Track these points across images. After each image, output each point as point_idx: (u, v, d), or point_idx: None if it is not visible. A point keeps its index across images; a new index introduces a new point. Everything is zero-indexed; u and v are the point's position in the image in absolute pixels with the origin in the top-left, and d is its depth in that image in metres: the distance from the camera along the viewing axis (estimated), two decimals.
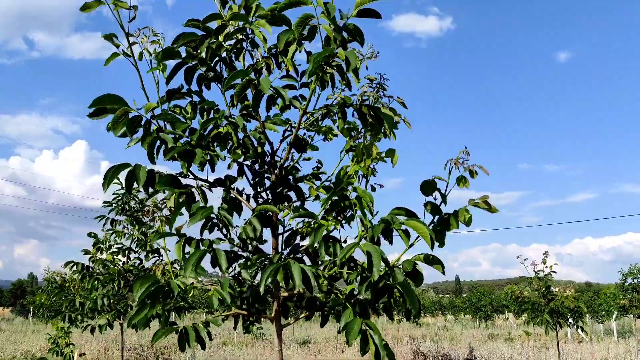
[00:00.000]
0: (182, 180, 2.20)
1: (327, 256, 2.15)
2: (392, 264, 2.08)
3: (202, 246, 2.11)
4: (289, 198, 2.49)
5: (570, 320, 8.91)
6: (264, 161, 2.45)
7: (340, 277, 2.42)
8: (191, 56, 2.28)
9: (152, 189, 2.08)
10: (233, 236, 2.32)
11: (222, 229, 2.31)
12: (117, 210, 5.55)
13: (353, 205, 2.15)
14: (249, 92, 2.25)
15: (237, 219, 2.35)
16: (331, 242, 2.16)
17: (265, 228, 2.36)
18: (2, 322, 28.01)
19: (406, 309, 2.03)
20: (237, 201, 2.36)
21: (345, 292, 2.36)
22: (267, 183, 2.51)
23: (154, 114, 2.17)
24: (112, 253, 5.61)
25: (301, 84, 2.45)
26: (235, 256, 2.32)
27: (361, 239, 2.06)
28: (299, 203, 2.55)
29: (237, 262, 2.38)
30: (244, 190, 2.46)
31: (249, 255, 2.38)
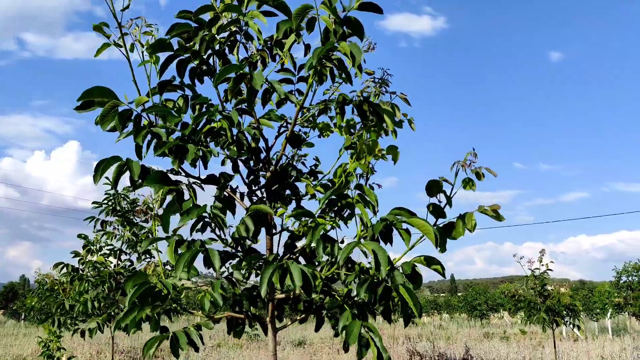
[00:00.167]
0: (172, 177, 2.11)
1: (325, 256, 2.07)
2: (388, 269, 2.00)
3: (193, 247, 2.02)
4: (284, 197, 2.41)
5: (567, 319, 8.89)
6: (259, 158, 2.36)
7: (338, 278, 2.34)
8: (184, 48, 2.19)
9: (143, 184, 2.00)
10: (226, 236, 2.24)
11: (215, 228, 2.22)
12: (107, 210, 5.44)
13: (353, 204, 2.07)
14: (244, 87, 2.17)
15: (230, 218, 2.26)
16: (329, 242, 2.08)
17: (259, 227, 2.28)
18: None
19: (406, 312, 1.96)
20: (231, 199, 2.27)
21: (342, 293, 2.28)
22: (262, 181, 2.43)
23: (144, 108, 2.08)
24: (103, 255, 5.49)
25: (298, 78, 2.37)
26: (228, 256, 2.23)
27: (360, 239, 1.98)
28: (294, 202, 2.47)
29: (230, 262, 2.29)
30: (237, 188, 2.38)
31: (243, 255, 2.29)
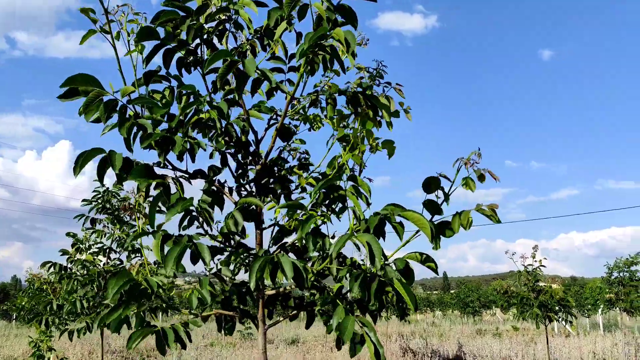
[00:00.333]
0: (158, 171, 2.04)
1: (316, 252, 2.02)
2: (382, 263, 1.95)
3: (181, 242, 1.96)
4: (274, 191, 2.34)
5: (560, 314, 8.91)
6: (248, 151, 2.30)
7: (329, 273, 2.28)
8: (170, 37, 2.12)
9: (128, 178, 1.93)
10: (214, 231, 2.17)
11: (203, 223, 2.16)
12: (96, 208, 5.33)
13: (345, 197, 2.01)
14: (233, 79, 2.10)
15: (217, 213, 2.20)
16: (320, 237, 2.02)
17: (248, 222, 2.21)
18: None
19: (400, 307, 1.91)
20: (219, 193, 2.21)
21: (334, 289, 2.23)
22: (251, 175, 2.37)
23: (130, 99, 2.01)
24: (92, 253, 5.39)
25: (289, 68, 2.30)
26: (216, 251, 2.16)
27: (353, 232, 1.93)
28: (284, 196, 2.41)
29: (219, 257, 2.23)
30: (226, 183, 2.31)
31: (232, 250, 2.23)
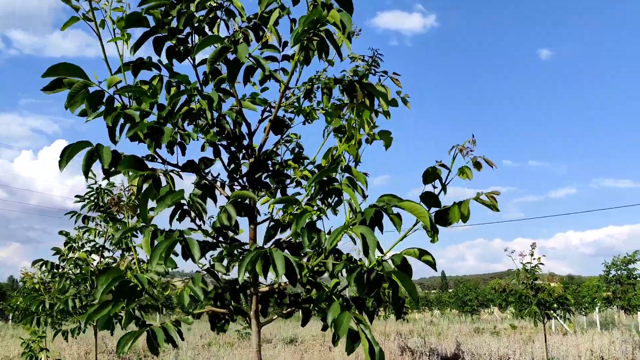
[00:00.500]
0: (148, 164, 1.97)
1: (311, 249, 1.96)
2: (380, 259, 1.89)
3: (171, 237, 1.89)
4: (267, 185, 2.28)
5: (558, 312, 8.88)
6: (241, 144, 2.23)
7: (324, 270, 2.22)
8: (160, 24, 2.04)
9: (115, 171, 1.86)
10: (206, 227, 2.10)
11: (195, 218, 2.09)
12: (89, 206, 5.25)
13: (340, 190, 1.94)
14: (225, 69, 2.04)
15: (210, 208, 2.13)
16: (315, 232, 1.96)
17: (242, 216, 2.15)
18: None
19: (397, 302, 1.84)
20: (211, 187, 2.14)
21: (330, 286, 2.17)
22: (244, 170, 2.30)
23: (117, 89, 1.94)
24: (86, 252, 5.31)
25: (283, 57, 2.23)
26: (208, 246, 2.09)
27: (349, 225, 1.87)
28: (278, 191, 2.35)
29: (211, 253, 2.16)
30: (218, 176, 2.24)
31: (224, 245, 2.16)
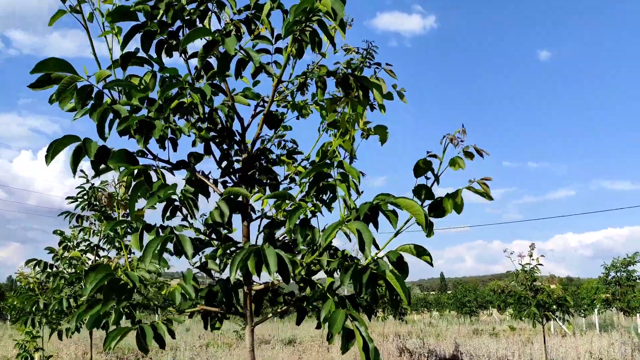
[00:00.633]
0: (139, 160, 1.93)
1: (305, 246, 1.92)
2: (375, 256, 1.85)
3: (163, 234, 1.85)
4: (260, 182, 2.24)
5: (558, 313, 8.85)
6: (233, 139, 2.19)
7: (319, 268, 2.18)
8: (149, 17, 2.00)
9: (104, 167, 1.82)
10: (199, 224, 2.06)
11: (187, 216, 2.05)
12: (82, 205, 5.20)
13: (334, 186, 1.91)
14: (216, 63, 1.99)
15: (202, 207, 2.09)
16: (309, 229, 1.92)
17: (235, 214, 2.11)
18: None
19: (393, 300, 1.80)
20: (202, 183, 2.10)
21: (325, 285, 2.13)
22: (237, 166, 2.26)
23: (106, 84, 1.90)
24: (81, 251, 5.27)
25: (275, 49, 2.19)
26: (201, 244, 2.05)
27: (343, 221, 1.83)
28: (272, 187, 2.30)
29: (204, 251, 2.11)
30: (210, 174, 2.20)
31: (218, 243, 2.12)
